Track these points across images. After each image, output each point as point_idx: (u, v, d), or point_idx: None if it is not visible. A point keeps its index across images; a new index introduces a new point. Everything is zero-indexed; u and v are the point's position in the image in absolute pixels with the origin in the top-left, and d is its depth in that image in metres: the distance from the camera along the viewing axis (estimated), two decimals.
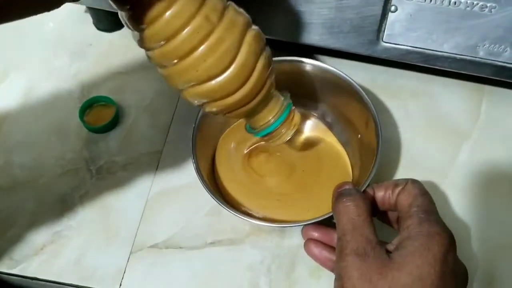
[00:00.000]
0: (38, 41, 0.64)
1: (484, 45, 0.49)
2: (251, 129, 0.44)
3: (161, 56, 0.36)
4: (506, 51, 0.49)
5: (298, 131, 0.52)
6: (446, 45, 0.51)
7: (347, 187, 0.40)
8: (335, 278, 0.36)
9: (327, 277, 0.47)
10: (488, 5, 0.46)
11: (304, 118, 0.54)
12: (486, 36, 0.49)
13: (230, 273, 0.48)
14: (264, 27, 0.39)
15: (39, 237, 0.50)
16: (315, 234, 0.42)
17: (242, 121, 0.50)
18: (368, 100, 0.48)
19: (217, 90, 0.36)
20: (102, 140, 0.56)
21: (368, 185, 0.42)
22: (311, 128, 0.54)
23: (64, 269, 0.48)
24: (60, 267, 0.49)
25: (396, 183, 0.39)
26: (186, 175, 0.52)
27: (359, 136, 0.51)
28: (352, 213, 0.37)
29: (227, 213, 0.44)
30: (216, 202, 0.44)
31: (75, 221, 0.51)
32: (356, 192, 0.39)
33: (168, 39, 0.35)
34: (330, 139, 0.53)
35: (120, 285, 0.48)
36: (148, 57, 0.37)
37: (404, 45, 0.52)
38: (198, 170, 0.46)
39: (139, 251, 0.49)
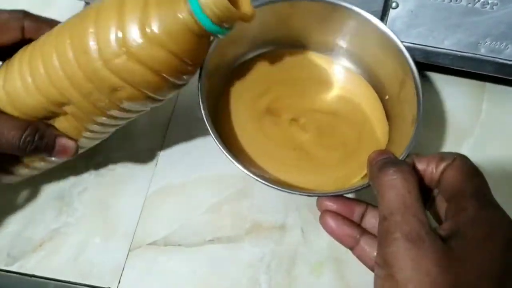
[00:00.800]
0: None
1: (486, 42, 0.49)
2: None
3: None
4: (507, 48, 0.49)
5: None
6: (447, 41, 0.51)
7: (391, 155, 0.34)
8: (377, 265, 0.30)
9: (328, 274, 0.47)
10: (490, 1, 0.46)
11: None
12: (487, 33, 0.48)
13: (229, 270, 0.48)
14: None
15: (37, 234, 0.50)
16: (334, 206, 0.37)
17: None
18: (408, 55, 0.44)
19: None
20: None
21: (408, 155, 0.37)
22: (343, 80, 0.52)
23: (63, 266, 0.48)
24: (59, 264, 0.48)
25: (442, 157, 0.33)
26: (185, 172, 0.52)
27: (387, 97, 0.48)
28: (401, 188, 0.31)
29: (226, 210, 0.44)
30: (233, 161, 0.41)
31: (73, 217, 0.51)
32: (403, 163, 0.33)
33: None
34: (368, 94, 0.50)
35: (119, 282, 0.47)
36: None
37: (405, 41, 0.52)
38: (209, 121, 0.42)
39: (138, 248, 0.49)
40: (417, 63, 0.45)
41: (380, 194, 0.32)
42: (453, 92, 0.58)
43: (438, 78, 0.58)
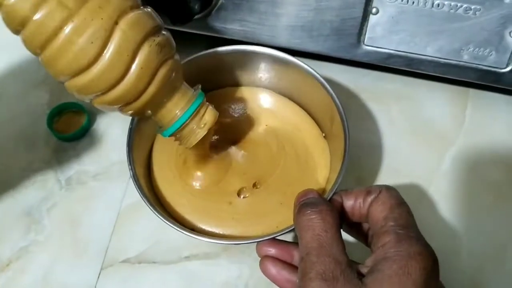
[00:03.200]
0: (4, 44, 0.60)
1: (469, 48, 0.48)
2: (159, 129, 0.40)
3: (24, 43, 0.32)
4: (491, 55, 0.47)
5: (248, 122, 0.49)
6: (429, 48, 0.49)
7: (311, 195, 0.35)
8: None
9: None
10: (473, 7, 0.44)
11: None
12: (470, 40, 0.47)
13: None
14: (241, 30, 0.37)
15: (4, 253, 0.47)
16: (272, 251, 0.37)
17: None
18: (332, 92, 0.45)
19: (92, 84, 0.33)
20: (72, 149, 0.53)
21: (335, 192, 0.37)
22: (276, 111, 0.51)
23: (31, 287, 0.46)
24: (27, 285, 0.46)
25: (369, 191, 0.34)
26: None
27: (323, 135, 0.49)
28: (318, 228, 0.31)
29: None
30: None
31: (42, 235, 0.48)
32: (323, 203, 0.33)
33: (23, 25, 0.31)
34: (308, 129, 0.50)
35: None
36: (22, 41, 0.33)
37: (386, 48, 0.50)
38: (137, 181, 0.43)
39: (110, 267, 0.47)
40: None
41: (299, 235, 0.33)
42: (436, 99, 0.57)
43: (421, 85, 0.57)
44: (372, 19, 0.48)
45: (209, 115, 0.39)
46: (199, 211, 0.45)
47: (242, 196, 0.46)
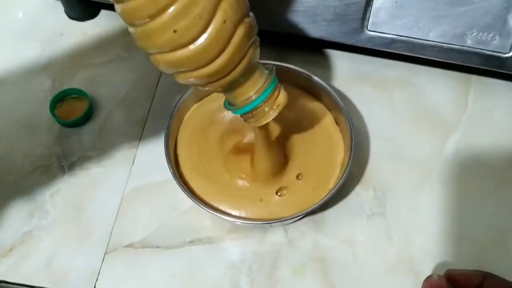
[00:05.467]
0: (7, 31, 0.61)
1: (472, 33, 0.48)
2: (229, 105, 0.40)
3: (130, 12, 0.32)
4: (494, 39, 0.47)
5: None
6: (432, 33, 0.49)
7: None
8: None
9: (311, 277, 0.45)
10: None
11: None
12: (474, 24, 0.47)
13: (210, 273, 0.46)
14: None
15: (7, 238, 0.47)
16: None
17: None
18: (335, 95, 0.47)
19: (189, 59, 0.33)
20: (75, 135, 0.53)
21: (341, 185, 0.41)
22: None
23: (35, 272, 0.46)
24: (30, 270, 0.46)
25: (470, 276, 0.38)
26: (164, 171, 0.49)
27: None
28: None
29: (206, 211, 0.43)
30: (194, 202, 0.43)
31: (46, 220, 0.48)
32: None
33: None
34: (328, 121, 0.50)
35: (94, 287, 0.45)
36: (118, 12, 0.33)
37: (389, 33, 0.50)
38: (175, 175, 0.45)
39: (114, 252, 0.47)
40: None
41: None
42: (438, 85, 0.56)
43: (423, 71, 0.56)
44: (376, 3, 0.48)
45: (282, 97, 0.39)
46: (225, 202, 0.46)
47: (278, 195, 0.46)
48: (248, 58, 0.35)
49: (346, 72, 0.57)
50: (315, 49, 0.57)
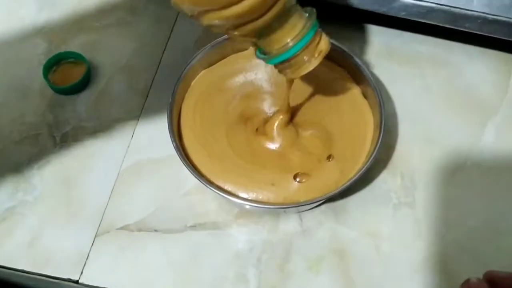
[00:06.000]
0: None
1: None
2: (261, 54, 0.35)
3: None
4: None
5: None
6: (477, 2, 0.43)
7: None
8: None
9: (327, 272, 0.40)
10: None
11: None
12: None
13: (213, 262, 0.41)
14: None
15: None
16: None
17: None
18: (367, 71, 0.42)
19: None
20: (69, 103, 0.48)
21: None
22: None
23: (16, 252, 0.41)
24: (11, 250, 0.41)
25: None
26: (166, 146, 0.43)
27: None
28: None
29: (212, 191, 0.37)
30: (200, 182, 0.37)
31: (31, 195, 0.43)
32: None
33: None
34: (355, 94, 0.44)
35: (82, 273, 0.40)
36: None
37: (426, 1, 0.44)
38: (178, 149, 0.39)
39: (106, 233, 0.42)
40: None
41: None
42: (477, 65, 0.50)
43: (460, 49, 0.51)
44: None
45: (324, 44, 0.34)
46: (232, 182, 0.40)
47: (297, 180, 0.40)
48: None
49: (374, 47, 0.51)
50: (341, 21, 0.51)
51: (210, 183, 0.38)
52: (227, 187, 0.39)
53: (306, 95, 0.44)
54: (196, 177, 0.38)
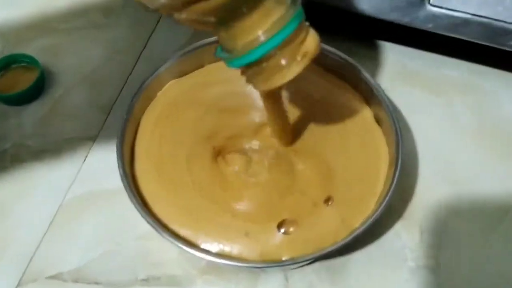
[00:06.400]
0: None
1: None
2: (222, 52, 0.26)
3: None
4: None
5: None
6: None
7: None
8: None
9: None
10: None
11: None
12: None
13: None
14: None
15: None
16: None
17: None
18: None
19: None
20: (14, 114, 0.40)
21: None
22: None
23: None
24: None
25: None
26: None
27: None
28: None
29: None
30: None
31: None
32: None
33: None
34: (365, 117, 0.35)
35: None
36: None
37: (460, 11, 0.36)
38: (126, 177, 0.30)
39: (32, 283, 0.33)
40: None
41: None
42: None
43: (495, 75, 0.43)
44: None
45: (311, 42, 0.24)
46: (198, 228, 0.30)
47: (282, 230, 0.30)
48: None
49: (389, 67, 0.44)
50: (351, 37, 0.43)
51: (162, 226, 0.29)
52: (183, 232, 0.29)
53: (303, 116, 0.34)
54: (142, 216, 0.28)
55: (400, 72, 0.43)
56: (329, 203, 0.31)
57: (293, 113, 0.34)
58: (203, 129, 0.33)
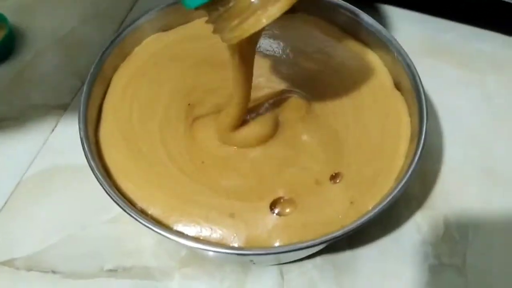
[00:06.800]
0: None
1: None
2: None
3: None
4: None
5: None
6: None
7: None
8: None
9: None
10: None
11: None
12: None
13: None
14: None
15: None
16: None
17: None
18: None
19: None
20: None
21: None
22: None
23: None
24: None
25: None
26: None
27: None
28: None
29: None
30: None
31: None
32: None
33: None
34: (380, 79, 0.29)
35: None
36: None
37: None
38: (88, 146, 0.25)
39: None
40: None
41: None
42: None
43: None
44: None
45: None
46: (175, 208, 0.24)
47: (276, 211, 0.24)
48: None
49: (415, 40, 0.38)
50: (376, 2, 0.37)
51: (130, 204, 0.23)
52: (153, 212, 0.24)
53: (312, 81, 0.29)
54: (102, 186, 0.23)
55: (427, 45, 0.38)
56: (337, 181, 0.25)
57: (301, 76, 0.28)
58: (182, 87, 0.27)
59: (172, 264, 0.28)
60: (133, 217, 0.22)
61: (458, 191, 0.31)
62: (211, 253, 0.24)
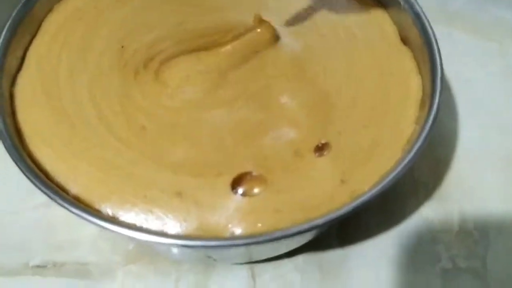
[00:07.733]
0: None
1: None
2: None
3: None
4: None
5: None
6: None
7: None
8: None
9: None
10: None
11: None
12: None
13: None
14: None
15: None
16: None
17: None
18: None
19: None
20: None
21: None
22: None
23: None
24: None
25: None
26: None
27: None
28: None
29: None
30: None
31: None
32: None
33: None
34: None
35: None
36: None
37: None
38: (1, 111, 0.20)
39: None
40: None
41: None
42: None
43: None
44: None
45: None
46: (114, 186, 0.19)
47: (241, 192, 0.19)
48: None
49: (426, 4, 0.33)
50: None
51: (46, 175, 0.18)
52: (73, 186, 0.18)
53: (300, 30, 0.24)
54: (14, 159, 0.18)
55: (441, 12, 0.35)
56: (323, 153, 0.19)
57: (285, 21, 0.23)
58: (127, 30, 0.22)
59: (115, 259, 0.23)
60: (43, 191, 0.17)
61: (477, 182, 0.27)
62: (162, 246, 0.19)
